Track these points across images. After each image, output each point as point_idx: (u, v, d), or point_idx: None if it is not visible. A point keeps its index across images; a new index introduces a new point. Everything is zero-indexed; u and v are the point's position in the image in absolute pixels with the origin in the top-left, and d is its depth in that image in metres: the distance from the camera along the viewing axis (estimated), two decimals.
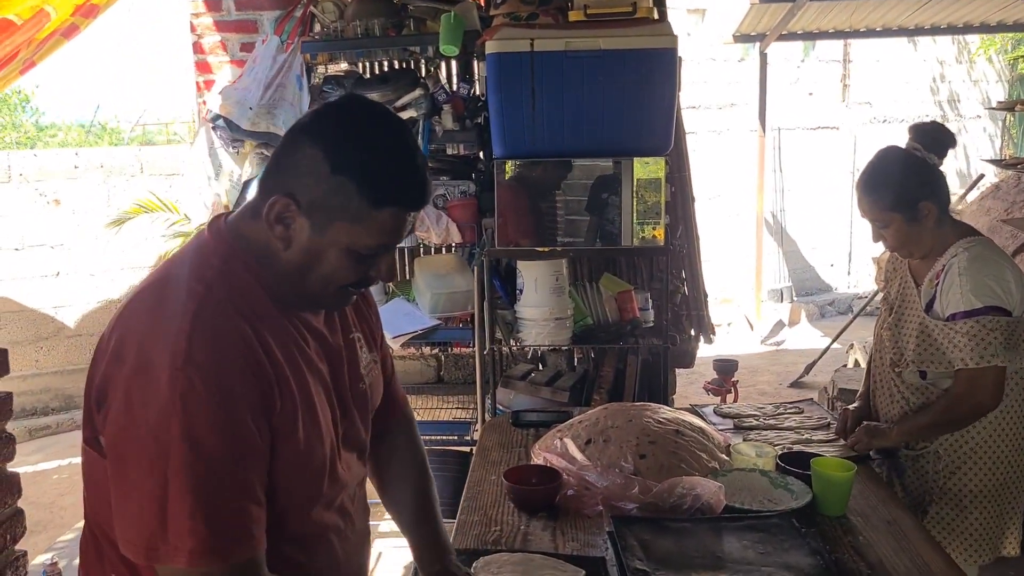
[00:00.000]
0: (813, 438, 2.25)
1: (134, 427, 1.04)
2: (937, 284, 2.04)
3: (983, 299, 1.95)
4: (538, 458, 2.03)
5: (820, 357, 6.07)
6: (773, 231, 8.27)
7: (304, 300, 1.21)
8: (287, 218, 1.13)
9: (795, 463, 1.95)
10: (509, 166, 2.91)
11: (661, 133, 2.83)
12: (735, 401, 4.18)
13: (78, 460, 1.19)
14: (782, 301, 8.24)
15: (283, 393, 1.13)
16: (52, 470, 4.72)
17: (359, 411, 1.34)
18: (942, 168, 2.09)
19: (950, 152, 2.12)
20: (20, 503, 1.71)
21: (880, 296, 2.43)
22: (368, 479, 1.54)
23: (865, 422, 2.19)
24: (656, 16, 2.83)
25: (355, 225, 1.12)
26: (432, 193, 1.22)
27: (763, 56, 7.10)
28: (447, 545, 1.50)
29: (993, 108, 5.43)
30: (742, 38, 7.01)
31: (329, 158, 1.11)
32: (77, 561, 1.26)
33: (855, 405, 2.33)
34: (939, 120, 8.68)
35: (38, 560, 2.92)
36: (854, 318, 6.31)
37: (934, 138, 2.06)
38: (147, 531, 1.04)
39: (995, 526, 2.10)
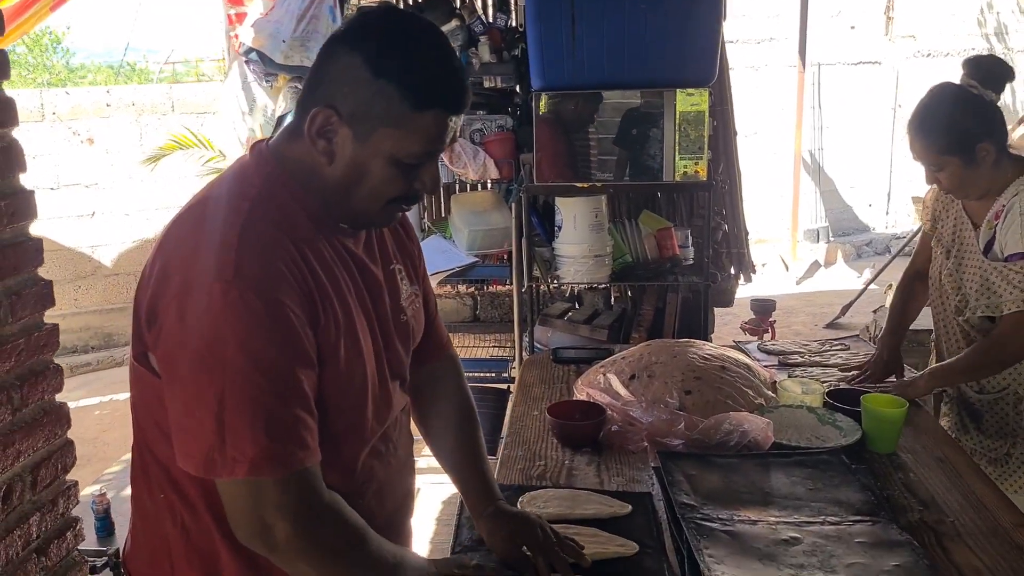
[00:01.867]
0: (861, 375, 2.21)
1: (189, 341, 1.04)
2: (996, 224, 1.94)
3: None
4: (581, 394, 2.01)
5: (857, 298, 5.99)
6: (811, 170, 8.10)
7: (351, 217, 1.20)
8: (329, 130, 1.11)
9: (844, 400, 1.92)
10: (544, 101, 2.83)
11: (705, 63, 2.75)
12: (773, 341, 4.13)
13: (119, 396, 1.20)
14: (818, 241, 8.12)
15: (326, 310, 1.13)
16: (94, 406, 4.81)
17: (401, 341, 1.33)
18: (999, 103, 1.97)
19: None
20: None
21: (919, 235, 2.34)
22: (413, 421, 1.54)
23: (896, 380, 2.14)
24: None
25: (399, 130, 1.11)
26: (470, 98, 1.20)
27: None
28: (495, 490, 1.50)
29: None
30: None
31: (369, 63, 1.09)
32: (126, 492, 1.26)
33: (883, 353, 2.23)
34: (986, 53, 8.38)
35: (86, 491, 2.99)
36: (892, 259, 6.20)
37: (990, 72, 1.93)
38: (206, 444, 1.04)
39: None
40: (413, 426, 1.50)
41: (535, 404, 2.09)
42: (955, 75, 1.99)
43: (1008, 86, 1.96)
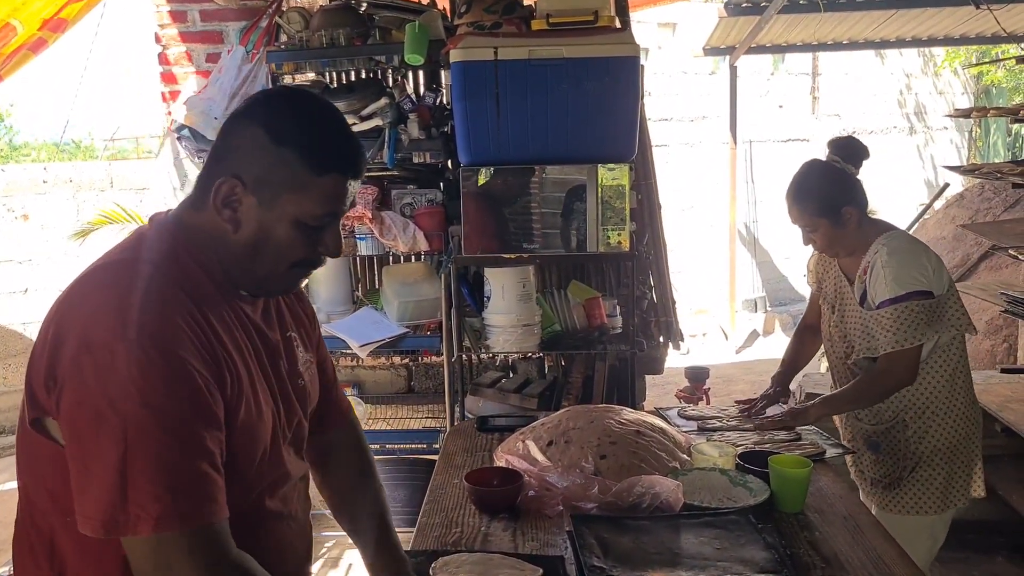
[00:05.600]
0: (776, 437, 2.27)
1: (91, 401, 1.04)
2: (866, 278, 2.25)
3: (905, 286, 2.17)
4: (500, 460, 2.04)
5: None
6: (746, 242, 8.34)
7: (256, 282, 1.24)
8: (234, 199, 1.17)
9: (754, 462, 1.97)
10: (482, 177, 2.92)
11: (625, 140, 2.85)
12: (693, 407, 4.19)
13: None
14: (756, 311, 8.31)
15: (230, 370, 1.15)
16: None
17: (300, 405, 1.36)
18: (860, 176, 2.31)
19: (918, 163, 2.30)
20: None
21: (811, 296, 2.66)
22: (316, 487, 1.55)
23: (788, 407, 2.40)
24: (618, 25, 2.86)
25: (300, 194, 1.17)
26: (366, 164, 1.28)
27: (733, 69, 7.20)
28: (400, 553, 1.50)
29: (950, 115, 5.54)
30: (712, 51, 7.11)
31: (271, 133, 1.16)
32: None
33: (771, 390, 2.51)
34: (906, 131, 8.83)
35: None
36: None
37: (849, 150, 2.30)
38: (107, 503, 1.03)
39: (963, 474, 2.31)
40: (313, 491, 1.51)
41: (456, 472, 2.10)
42: (879, 151, 2.27)
43: (930, 163, 2.27)
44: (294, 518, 1.34)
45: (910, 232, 5.89)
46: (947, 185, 6.03)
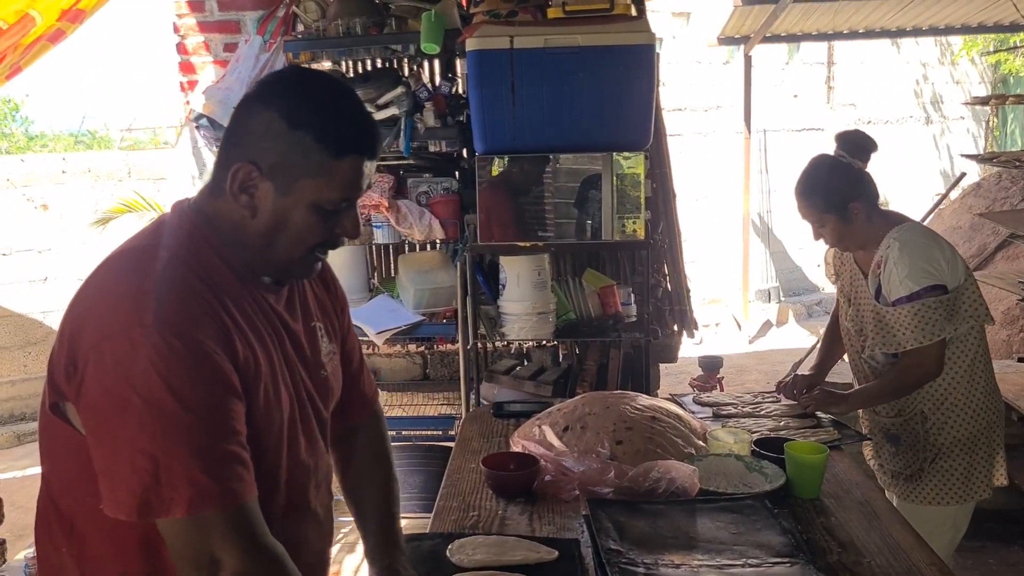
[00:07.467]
0: (791, 424, 2.28)
1: (113, 388, 1.05)
2: (879, 274, 2.22)
3: (919, 282, 2.15)
4: (517, 446, 2.05)
5: (806, 356, 6.09)
6: (760, 232, 8.31)
7: (274, 267, 1.23)
8: (250, 185, 1.16)
9: (770, 448, 1.98)
10: (496, 167, 2.93)
11: (640, 128, 2.86)
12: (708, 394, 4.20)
13: None
14: (769, 301, 8.29)
15: (245, 349, 1.15)
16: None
17: (321, 397, 1.36)
18: (868, 169, 2.28)
19: (934, 153, 2.25)
20: (8, 508, 1.74)
21: (835, 290, 2.62)
22: (335, 476, 1.56)
23: (821, 388, 2.40)
24: (634, 13, 2.86)
25: (318, 178, 1.15)
26: (382, 144, 1.25)
27: (747, 58, 7.15)
28: (399, 543, 1.50)
29: (968, 103, 5.49)
30: (726, 40, 7.07)
31: (285, 116, 1.14)
32: None
33: (809, 372, 2.54)
34: (922, 121, 8.76)
35: (20, 556, 2.92)
36: None
37: (856, 144, 2.27)
38: (139, 487, 1.05)
39: (985, 464, 2.30)
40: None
41: (473, 457, 2.11)
42: (895, 142, 2.23)
43: (946, 153, 2.22)
44: (311, 512, 1.34)
45: (925, 222, 5.87)
46: (964, 175, 5.98)
